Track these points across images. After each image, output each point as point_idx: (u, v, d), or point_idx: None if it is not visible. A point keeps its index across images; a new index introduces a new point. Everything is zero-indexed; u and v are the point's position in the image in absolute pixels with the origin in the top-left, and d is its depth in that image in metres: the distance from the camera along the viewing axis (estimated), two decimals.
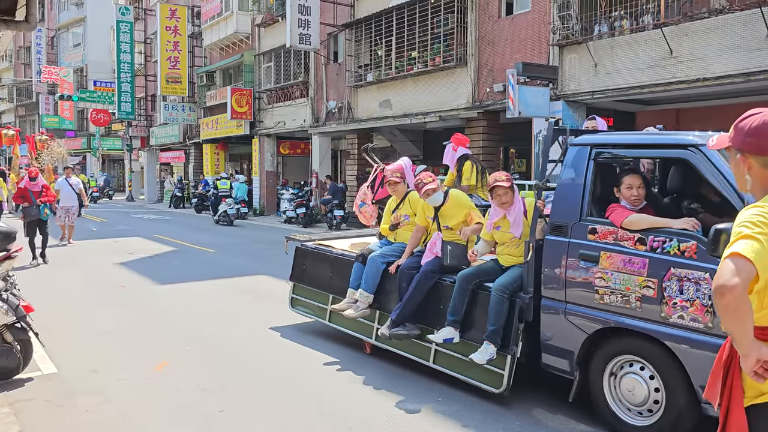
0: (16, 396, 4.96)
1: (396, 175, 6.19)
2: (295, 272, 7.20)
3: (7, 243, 7.14)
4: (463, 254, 5.42)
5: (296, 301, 7.15)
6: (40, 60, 43.72)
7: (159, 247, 14.55)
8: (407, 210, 6.11)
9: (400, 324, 5.38)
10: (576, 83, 13.10)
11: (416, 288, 5.33)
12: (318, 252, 6.94)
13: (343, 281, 6.25)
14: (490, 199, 5.07)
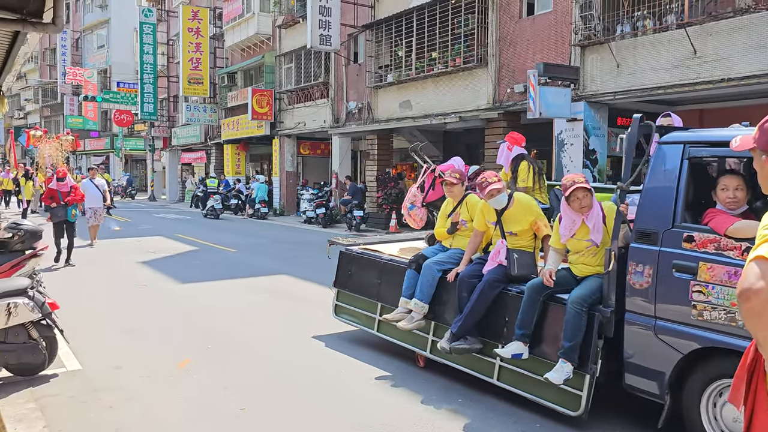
0: (41, 392, 5.05)
1: (455, 175, 5.77)
2: (340, 278, 6.78)
3: (33, 241, 7.29)
4: (531, 263, 5.06)
5: (341, 308, 6.75)
6: (65, 61, 44.41)
7: (180, 247, 14.70)
8: (464, 214, 5.70)
9: (461, 337, 4.99)
10: (598, 84, 12.99)
11: (479, 298, 4.94)
12: (365, 257, 6.54)
13: (393, 289, 5.91)
14: (564, 203, 4.61)
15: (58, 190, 11.65)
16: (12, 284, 5.29)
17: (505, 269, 5.02)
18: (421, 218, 6.88)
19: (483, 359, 5.05)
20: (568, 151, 13.60)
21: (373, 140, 20.66)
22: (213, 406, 4.78)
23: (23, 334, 5.21)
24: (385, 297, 6.11)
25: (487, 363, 5.02)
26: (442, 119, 16.57)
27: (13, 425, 4.21)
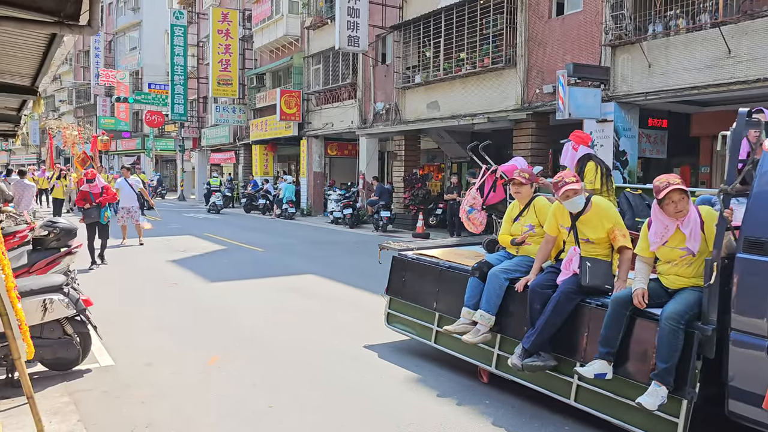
0: (75, 386, 5.15)
1: (524, 175, 5.37)
2: (392, 285, 6.43)
3: (68, 239, 7.45)
4: (606, 273, 4.63)
5: (393, 317, 6.39)
6: (98, 63, 45.30)
7: (209, 246, 14.88)
8: (531, 218, 5.29)
9: (534, 353, 4.61)
10: (629, 84, 12.82)
11: (554, 311, 4.55)
12: (420, 263, 6.15)
13: (453, 298, 5.54)
14: (656, 208, 4.18)
15: (90, 191, 11.58)
16: (48, 281, 5.42)
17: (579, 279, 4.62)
18: (480, 222, 6.47)
19: (557, 377, 4.65)
20: (597, 152, 13.43)
21: (400, 141, 20.67)
22: (242, 403, 4.83)
23: (58, 330, 5.33)
24: (443, 306, 5.72)
25: (562, 382, 4.62)
26: (470, 120, 16.50)
27: (48, 418, 4.31)
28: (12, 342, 3.84)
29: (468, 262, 5.69)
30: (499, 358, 5.11)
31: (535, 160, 15.44)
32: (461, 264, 5.75)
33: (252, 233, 18.05)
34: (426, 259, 6.14)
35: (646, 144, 14.10)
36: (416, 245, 6.88)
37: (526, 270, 5.09)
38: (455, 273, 5.69)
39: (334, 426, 4.47)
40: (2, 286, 3.90)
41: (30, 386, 3.92)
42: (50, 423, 4.26)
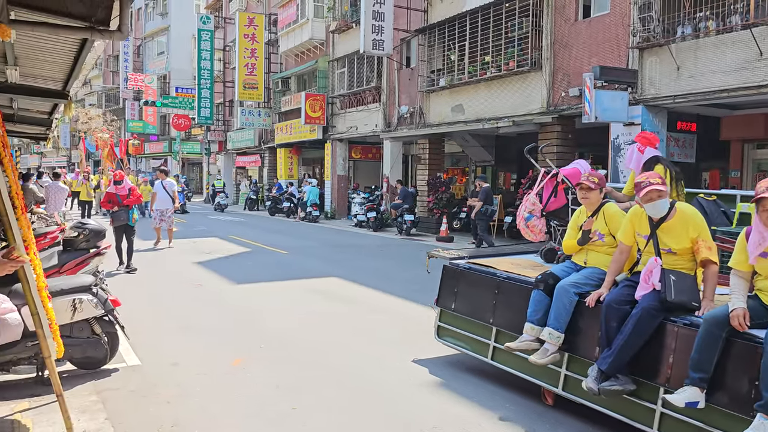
0: (103, 385, 5.23)
1: (593, 179, 4.95)
2: (443, 296, 6.03)
3: (97, 240, 7.58)
4: (692, 288, 4.17)
5: (444, 331, 5.98)
6: (127, 68, 46.08)
7: (234, 248, 15.01)
8: (600, 226, 4.88)
9: (611, 376, 4.18)
10: (657, 87, 12.65)
11: (635, 330, 4.09)
12: (475, 273, 5.73)
13: (512, 312, 5.16)
14: (756, 217, 3.76)
15: (117, 193, 11.49)
16: (77, 281, 5.51)
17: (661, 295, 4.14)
18: (540, 230, 6.01)
19: (637, 403, 4.20)
20: (624, 156, 13.29)
21: (424, 144, 20.66)
22: (266, 404, 4.87)
23: (87, 329, 5.42)
24: (501, 321, 5.31)
25: (642, 408, 4.16)
26: (495, 124, 16.43)
27: (77, 416, 4.39)
28: (42, 341, 3.91)
29: (527, 273, 5.32)
30: (567, 378, 4.68)
31: (561, 164, 15.29)
32: (521, 275, 5.32)
33: (276, 236, 18.17)
34: (481, 269, 5.70)
35: (674, 148, 13.90)
36: (468, 253, 6.42)
37: (597, 283, 4.68)
38: (515, 285, 5.26)
39: (356, 428, 4.47)
40: (34, 286, 3.98)
41: (59, 384, 3.99)
42: (79, 421, 4.33)
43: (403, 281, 10.54)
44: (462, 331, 5.76)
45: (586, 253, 4.96)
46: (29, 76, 7.54)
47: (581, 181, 5.03)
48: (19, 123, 11.41)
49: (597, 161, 17.81)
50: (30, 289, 3.87)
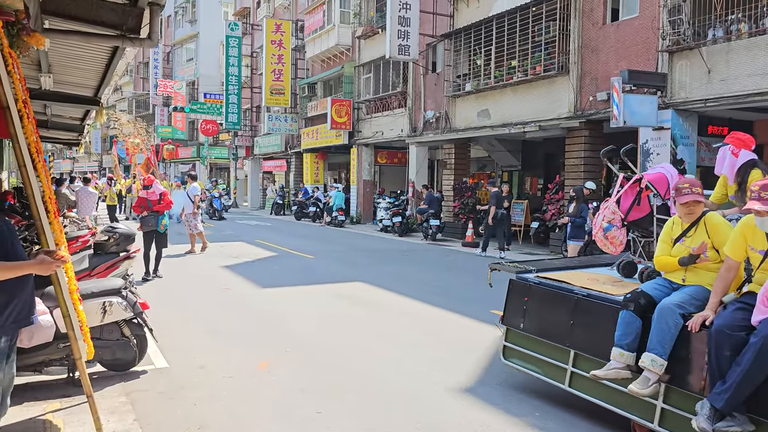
0: (132, 387, 5.31)
1: (697, 189, 4.32)
2: (510, 314, 5.48)
3: (127, 244, 7.71)
4: None
5: (512, 352, 5.43)
6: (157, 74, 46.86)
7: (261, 252, 15.13)
8: (701, 239, 4.31)
9: (727, 415, 3.68)
10: (687, 91, 12.46)
11: (756, 362, 3.54)
12: (548, 289, 5.20)
13: (594, 334, 4.65)
14: None
15: (147, 198, 11.27)
16: (107, 284, 5.61)
17: None
18: (621, 242, 5.43)
19: None
20: (653, 161, 13.10)
21: (450, 149, 20.61)
22: (291, 408, 4.89)
23: (117, 332, 5.51)
24: (580, 343, 4.76)
25: None
26: (521, 128, 16.33)
27: (106, 417, 4.46)
28: (74, 342, 3.99)
29: (608, 290, 4.80)
30: (664, 413, 4.13)
31: (589, 168, 15.16)
32: (602, 292, 4.78)
33: (302, 240, 18.28)
34: (554, 285, 5.16)
35: (705, 152, 13.66)
36: (535, 266, 5.87)
37: (701, 304, 4.11)
38: (597, 303, 4.72)
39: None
40: (65, 289, 4.06)
41: (90, 386, 4.06)
42: (108, 422, 4.40)
43: (429, 286, 10.52)
44: (533, 353, 5.20)
45: (685, 270, 4.38)
46: (62, 83, 7.73)
47: (686, 196, 4.30)
48: (52, 129, 11.69)
49: (626, 166, 17.59)
50: (62, 292, 3.95)
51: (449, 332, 7.36)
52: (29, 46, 4.30)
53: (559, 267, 5.88)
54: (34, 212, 3.79)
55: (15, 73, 3.98)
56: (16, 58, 4.16)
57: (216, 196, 27.45)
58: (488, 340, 6.96)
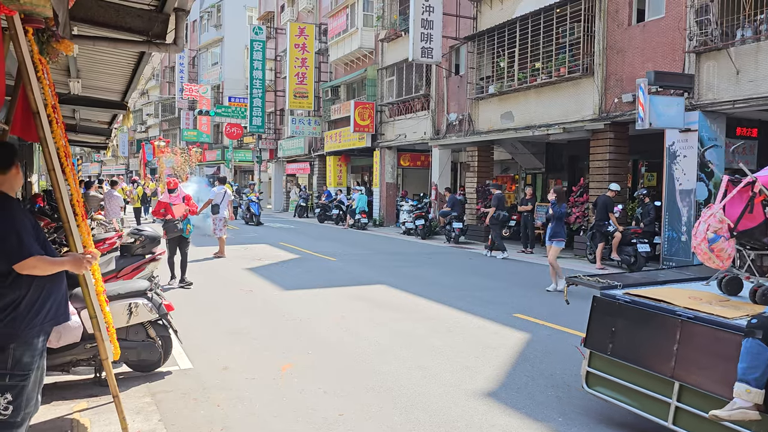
0: (156, 387, 5.38)
1: None
2: (595, 335, 4.78)
3: (152, 246, 7.82)
4: None
5: (597, 379, 4.73)
6: (183, 78, 47.46)
7: (284, 255, 15.22)
8: None
9: None
10: (714, 92, 12.26)
11: None
12: (642, 309, 4.49)
13: (706, 363, 3.99)
14: None
15: (170, 202, 10.66)
16: (133, 286, 5.69)
17: None
18: (729, 254, 4.68)
19: None
20: (680, 163, 12.92)
21: (473, 152, 20.54)
22: (313, 410, 4.91)
23: (142, 333, 5.59)
24: (688, 374, 4.07)
25: None
26: (545, 131, 16.22)
27: (131, 417, 4.53)
28: (100, 343, 4.05)
29: (719, 311, 4.12)
30: None
31: (614, 171, 15.00)
32: (713, 314, 4.08)
33: (325, 243, 18.35)
34: (651, 304, 4.46)
35: (733, 154, 13.42)
36: (621, 281, 5.14)
37: None
38: (708, 328, 4.02)
39: None
40: (92, 290, 4.13)
41: (116, 386, 4.13)
42: (133, 421, 4.46)
43: (451, 289, 10.49)
44: (625, 383, 4.48)
45: None
46: (90, 88, 7.87)
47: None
48: (81, 133, 11.91)
49: (652, 169, 17.38)
50: (89, 294, 4.02)
51: (472, 336, 7.33)
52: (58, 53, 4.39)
53: (645, 282, 5.23)
54: (63, 215, 3.87)
55: (45, 79, 4.06)
56: (45, 64, 4.26)
57: (254, 200, 25.98)
58: (511, 344, 6.92)
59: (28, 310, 3.18)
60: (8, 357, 3.10)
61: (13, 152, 3.39)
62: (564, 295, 5.41)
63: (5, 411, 3.07)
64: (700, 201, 12.67)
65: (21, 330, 3.15)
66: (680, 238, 12.92)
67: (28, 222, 3.22)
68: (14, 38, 3.61)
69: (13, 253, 3.07)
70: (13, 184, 3.33)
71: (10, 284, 3.12)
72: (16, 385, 3.12)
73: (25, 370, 3.16)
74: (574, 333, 7.43)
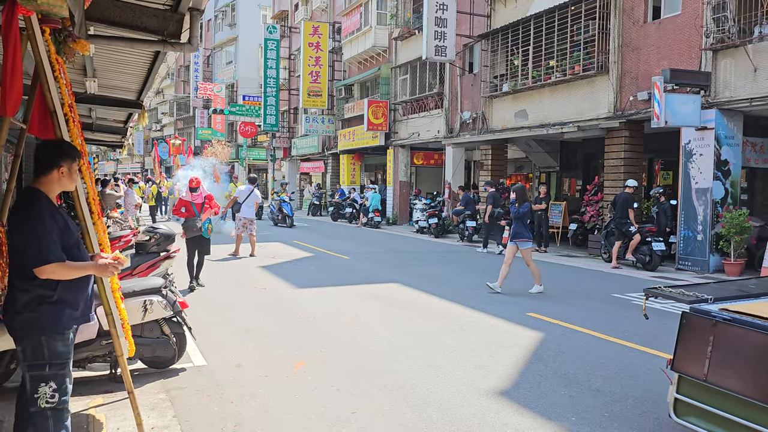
0: (171, 384, 5.43)
1: None
2: (685, 357, 4.09)
3: (167, 244, 7.88)
4: None
5: (688, 408, 4.06)
6: (197, 77, 47.73)
7: (297, 253, 15.28)
8: None
9: None
10: (732, 90, 12.14)
11: None
12: (749, 330, 3.72)
13: None
14: None
15: (192, 201, 10.19)
16: (148, 283, 5.75)
17: None
18: None
19: None
20: (696, 161, 12.80)
21: (487, 150, 20.48)
22: (326, 407, 4.93)
23: (157, 330, 5.64)
24: None
25: None
26: (560, 129, 16.14)
27: (146, 413, 4.57)
28: (116, 340, 4.10)
29: None
30: None
31: (629, 169, 14.89)
32: None
33: (338, 241, 18.39)
34: (758, 323, 3.71)
35: (751, 153, 13.30)
36: (709, 293, 4.43)
37: None
38: None
39: None
40: (108, 287, 4.17)
41: (131, 382, 4.17)
42: (148, 417, 4.51)
43: (464, 288, 10.48)
44: (725, 414, 3.78)
45: None
46: (106, 87, 7.94)
47: None
48: (97, 131, 12.02)
49: (667, 167, 17.23)
50: (105, 291, 4.07)
51: (485, 334, 7.32)
52: (75, 52, 4.43)
53: (739, 295, 4.51)
54: (79, 213, 3.91)
55: (61, 78, 4.11)
56: (62, 63, 4.30)
57: (286, 200, 24.67)
58: (524, 343, 6.90)
59: (57, 305, 3.27)
60: (43, 348, 3.21)
61: (59, 153, 3.36)
62: (642, 310, 4.79)
63: (52, 399, 3.22)
64: (717, 200, 12.55)
65: (51, 323, 3.24)
66: (696, 237, 12.80)
67: (55, 226, 3.24)
68: (31, 38, 3.65)
69: (33, 258, 3.16)
70: (53, 187, 3.35)
71: (39, 284, 3.21)
72: (57, 373, 3.25)
73: (63, 359, 3.28)
74: (588, 332, 7.40)
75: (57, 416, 3.25)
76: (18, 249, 3.17)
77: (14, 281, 3.20)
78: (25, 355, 3.22)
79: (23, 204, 3.24)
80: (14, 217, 3.23)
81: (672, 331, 4.39)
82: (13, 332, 3.24)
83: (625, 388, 5.41)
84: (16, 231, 3.18)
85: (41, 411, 3.20)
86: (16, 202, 3.30)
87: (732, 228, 11.89)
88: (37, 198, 3.27)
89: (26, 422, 3.23)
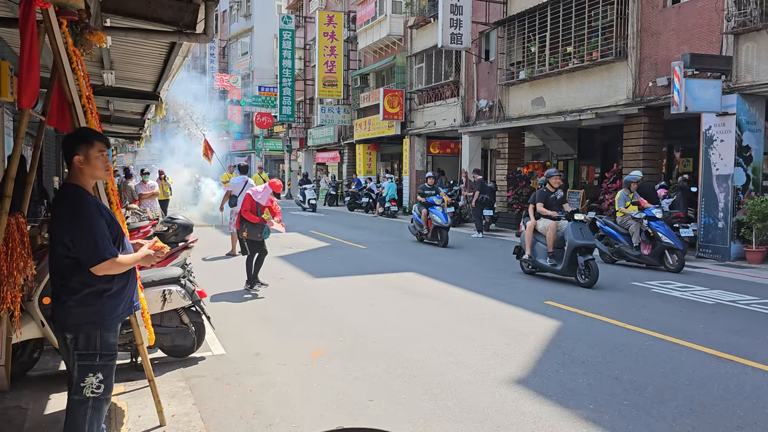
0: (190, 372, 5.49)
1: None
2: None
3: (185, 234, 7.95)
4: None
5: None
6: (213, 68, 47.90)
7: (314, 243, 15.33)
8: None
9: None
10: (754, 74, 11.92)
11: None
12: None
13: None
14: None
15: (258, 203, 9.20)
16: (167, 273, 5.80)
17: None
18: None
19: None
20: (717, 147, 12.61)
21: (503, 139, 20.35)
22: (343, 396, 4.96)
23: (176, 319, 5.70)
24: None
25: None
26: (577, 116, 15.98)
27: (167, 400, 4.63)
28: (136, 329, 4.15)
29: None
30: None
31: (648, 156, 14.72)
32: None
33: (355, 231, 18.41)
34: None
35: None
36: None
37: None
38: None
39: (431, 423, 4.48)
40: None
41: (151, 370, 4.22)
42: (168, 405, 4.56)
43: (481, 277, 10.45)
44: None
45: None
46: (124, 79, 8.00)
47: None
48: (115, 124, 12.11)
49: (687, 154, 17.01)
50: None
51: (502, 323, 7.30)
52: (92, 44, 4.46)
53: None
54: None
55: (79, 71, 4.14)
56: (80, 55, 4.33)
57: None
58: (542, 332, 6.87)
59: (115, 298, 3.31)
60: (96, 338, 3.24)
61: (74, 143, 3.28)
62: None
63: (97, 390, 3.24)
64: (738, 186, 12.37)
65: (107, 316, 3.28)
66: (717, 225, 12.64)
67: (103, 220, 3.23)
68: (49, 31, 3.68)
69: (88, 257, 3.14)
70: (83, 179, 3.28)
71: (98, 278, 3.22)
72: (106, 364, 3.28)
73: (112, 350, 3.32)
74: (607, 320, 7.35)
75: (96, 406, 3.26)
76: (71, 247, 3.13)
77: (68, 276, 3.18)
78: (77, 345, 3.22)
79: (69, 202, 3.18)
80: (62, 216, 3.17)
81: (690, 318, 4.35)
82: (68, 325, 3.21)
83: (644, 376, 5.38)
84: (68, 232, 3.13)
85: (83, 400, 3.21)
86: (57, 199, 3.26)
87: (754, 215, 11.72)
88: (79, 195, 3.22)
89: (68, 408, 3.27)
